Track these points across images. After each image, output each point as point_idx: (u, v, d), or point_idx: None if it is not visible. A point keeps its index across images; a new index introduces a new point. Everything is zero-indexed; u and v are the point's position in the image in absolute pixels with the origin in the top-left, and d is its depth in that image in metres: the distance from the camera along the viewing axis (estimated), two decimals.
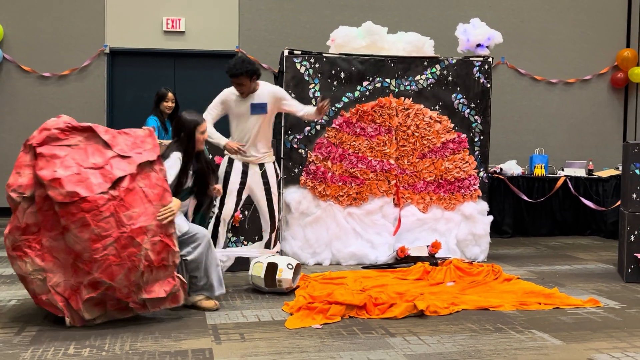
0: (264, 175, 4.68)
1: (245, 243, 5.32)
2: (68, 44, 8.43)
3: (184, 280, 3.88)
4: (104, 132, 3.77)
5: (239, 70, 4.44)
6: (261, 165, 4.69)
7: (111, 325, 3.71)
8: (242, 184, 4.64)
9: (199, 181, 4.19)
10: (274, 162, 4.78)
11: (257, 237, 5.23)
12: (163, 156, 3.98)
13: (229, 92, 4.66)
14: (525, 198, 7.30)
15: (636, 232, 5.04)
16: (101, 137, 3.72)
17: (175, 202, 3.78)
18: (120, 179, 3.60)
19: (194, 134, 4.09)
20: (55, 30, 8.40)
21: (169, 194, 3.77)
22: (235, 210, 4.73)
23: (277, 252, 4.91)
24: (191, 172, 4.12)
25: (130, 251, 3.56)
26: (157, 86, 6.85)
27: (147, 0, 8.57)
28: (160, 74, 8.73)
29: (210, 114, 4.67)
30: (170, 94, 6.05)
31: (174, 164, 3.99)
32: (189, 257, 3.98)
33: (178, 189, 4.01)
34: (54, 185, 3.49)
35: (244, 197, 4.71)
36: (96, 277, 3.54)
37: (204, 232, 4.08)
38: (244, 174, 4.63)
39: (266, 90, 4.63)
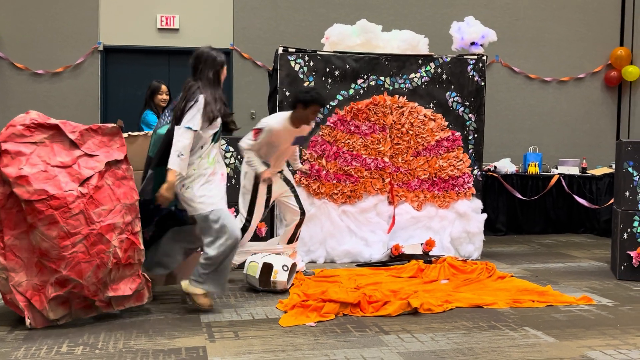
0: (285, 178, 5.00)
1: None
2: (61, 41, 8.39)
3: (149, 278, 3.88)
4: (70, 130, 3.71)
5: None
6: (280, 171, 4.97)
7: (104, 323, 3.71)
8: (269, 192, 4.89)
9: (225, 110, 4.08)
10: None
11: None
12: (187, 99, 3.86)
13: (283, 123, 4.70)
14: (519, 196, 7.32)
15: (629, 230, 5.06)
16: (67, 136, 3.68)
17: (165, 186, 3.76)
18: (89, 177, 3.61)
19: (221, 73, 4.11)
20: (49, 27, 8.37)
21: (135, 193, 3.80)
22: (262, 219, 5.11)
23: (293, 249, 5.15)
24: (219, 106, 4.00)
25: (100, 248, 3.59)
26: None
27: None
28: (154, 72, 8.69)
29: (257, 142, 4.69)
30: (163, 87, 5.98)
31: (197, 111, 3.84)
32: (208, 252, 3.84)
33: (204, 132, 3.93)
34: (20, 183, 3.45)
35: (270, 204, 5.00)
36: (64, 275, 3.51)
37: (235, 236, 3.90)
38: (269, 187, 4.88)
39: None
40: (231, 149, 5.48)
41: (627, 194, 5.07)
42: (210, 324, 3.73)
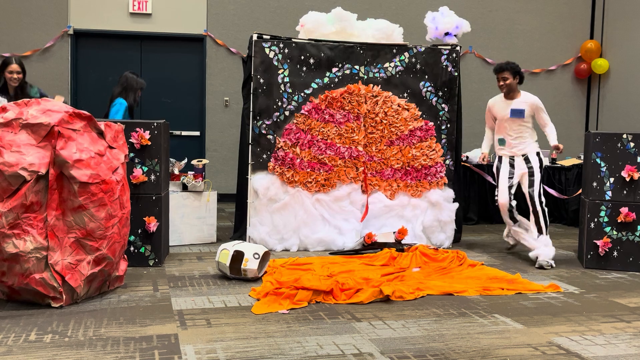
0: (528, 161, 5.34)
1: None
2: (30, 24, 8.20)
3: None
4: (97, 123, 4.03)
5: (504, 66, 5.32)
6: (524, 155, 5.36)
7: (74, 310, 3.66)
8: (511, 173, 5.38)
9: None
10: (536, 151, 5.36)
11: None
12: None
13: (493, 99, 5.58)
14: (491, 180, 7.39)
15: (596, 220, 5.17)
16: (97, 127, 3.93)
17: None
18: (117, 167, 3.97)
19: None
20: (17, 8, 8.16)
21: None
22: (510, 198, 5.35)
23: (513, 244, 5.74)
24: None
25: (125, 231, 4.04)
26: (122, 69, 6.70)
27: None
28: (126, 57, 8.56)
29: (487, 126, 5.74)
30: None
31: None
32: None
33: None
34: (77, 166, 3.68)
35: (514, 181, 5.37)
36: (103, 253, 3.84)
37: None
38: (512, 165, 5.40)
39: (526, 98, 5.35)
40: None
41: (594, 184, 5.18)
42: (182, 312, 3.71)
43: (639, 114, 8.88)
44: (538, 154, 5.35)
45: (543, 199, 5.26)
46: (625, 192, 5.10)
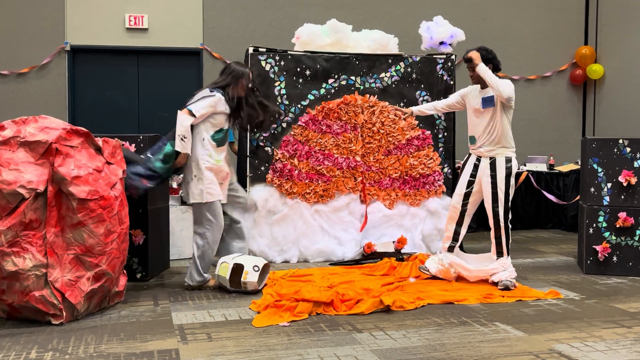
0: (493, 168, 4.59)
1: None
2: (27, 41, 8.23)
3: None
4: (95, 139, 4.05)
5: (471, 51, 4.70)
6: (492, 159, 4.61)
7: (75, 327, 3.65)
8: (473, 176, 4.72)
9: None
10: (506, 157, 4.59)
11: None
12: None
13: (471, 86, 4.90)
14: None
15: (594, 225, 5.18)
16: (94, 143, 3.95)
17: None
18: (115, 183, 3.98)
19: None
20: (13, 26, 8.19)
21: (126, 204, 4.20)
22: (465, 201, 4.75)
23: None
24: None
25: (124, 246, 4.04)
26: (120, 84, 6.71)
27: None
28: (123, 72, 8.59)
29: (446, 100, 5.07)
30: None
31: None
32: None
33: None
34: (76, 183, 3.70)
35: (474, 189, 4.72)
36: (103, 269, 3.83)
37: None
38: (476, 167, 4.71)
39: None
40: None
41: (592, 190, 5.19)
42: (182, 326, 3.70)
43: (635, 119, 8.91)
44: (509, 160, 4.56)
45: (510, 215, 4.58)
46: (622, 197, 5.11)
